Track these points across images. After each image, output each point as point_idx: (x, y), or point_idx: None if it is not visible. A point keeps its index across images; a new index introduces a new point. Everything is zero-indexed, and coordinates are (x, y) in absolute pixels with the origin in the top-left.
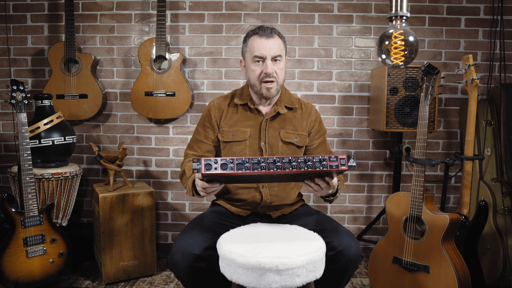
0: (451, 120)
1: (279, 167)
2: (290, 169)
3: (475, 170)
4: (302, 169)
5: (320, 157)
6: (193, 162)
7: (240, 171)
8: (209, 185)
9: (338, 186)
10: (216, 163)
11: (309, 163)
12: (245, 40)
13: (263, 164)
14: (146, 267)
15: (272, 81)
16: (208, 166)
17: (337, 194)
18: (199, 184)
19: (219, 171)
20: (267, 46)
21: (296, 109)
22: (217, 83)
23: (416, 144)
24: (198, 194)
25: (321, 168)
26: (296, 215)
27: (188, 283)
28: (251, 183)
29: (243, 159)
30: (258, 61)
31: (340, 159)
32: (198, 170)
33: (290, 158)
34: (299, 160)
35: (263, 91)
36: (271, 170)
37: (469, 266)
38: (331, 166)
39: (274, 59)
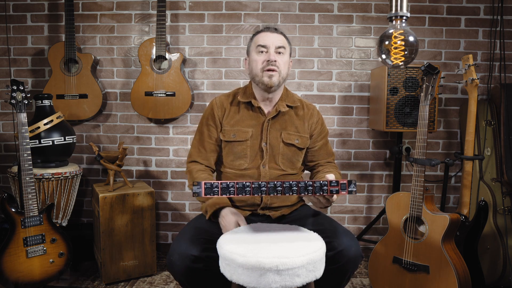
0: (451, 120)
1: (279, 191)
2: (291, 193)
3: (475, 170)
4: (302, 194)
5: (321, 182)
6: (193, 185)
7: (240, 195)
8: None
9: None
10: (216, 187)
11: (310, 188)
12: (252, 38)
13: (263, 189)
14: (146, 267)
15: (274, 70)
16: (208, 190)
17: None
18: None
19: (220, 195)
20: (271, 37)
21: (297, 108)
22: (217, 83)
23: (416, 144)
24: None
25: (321, 193)
26: (296, 216)
27: (186, 284)
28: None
29: (244, 183)
30: (262, 51)
31: (341, 184)
32: (199, 194)
33: (290, 182)
34: (300, 185)
35: (265, 78)
36: (271, 195)
37: (469, 266)
38: (331, 191)
39: (278, 51)
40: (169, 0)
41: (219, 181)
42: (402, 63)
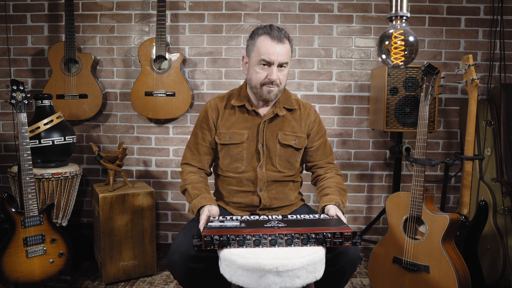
0: (451, 120)
1: (281, 244)
2: (292, 246)
3: (475, 170)
4: (304, 246)
5: (324, 233)
6: (193, 238)
7: (240, 248)
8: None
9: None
10: (217, 240)
11: (312, 240)
12: (253, 37)
13: (264, 241)
14: (146, 267)
15: (274, 86)
16: (208, 243)
17: None
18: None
19: (220, 247)
20: (276, 51)
21: (295, 110)
22: (217, 83)
23: (416, 144)
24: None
25: (324, 245)
26: None
27: (186, 284)
28: (248, 187)
29: (244, 236)
30: (264, 65)
31: (345, 235)
32: (198, 247)
33: (293, 234)
34: (302, 238)
35: (264, 93)
36: (273, 247)
37: (469, 266)
38: (334, 243)
39: (280, 65)
40: (169, 0)
41: (218, 233)
42: (402, 63)
